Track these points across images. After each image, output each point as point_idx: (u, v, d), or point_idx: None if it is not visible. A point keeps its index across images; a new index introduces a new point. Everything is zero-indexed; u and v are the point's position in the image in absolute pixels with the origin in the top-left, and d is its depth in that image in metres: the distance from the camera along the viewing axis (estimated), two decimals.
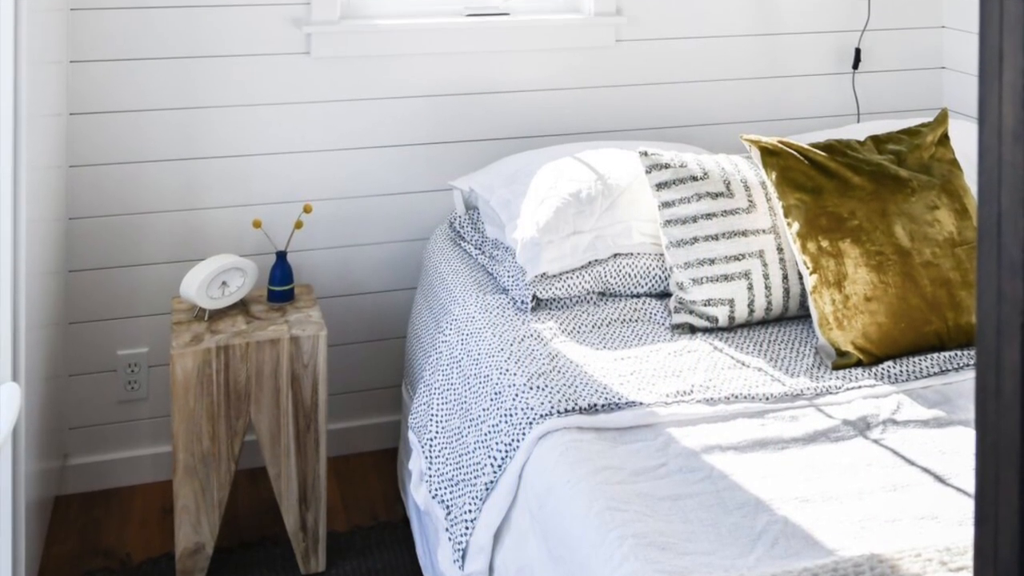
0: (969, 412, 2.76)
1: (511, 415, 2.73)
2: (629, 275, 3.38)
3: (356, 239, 4.10)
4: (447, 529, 2.77)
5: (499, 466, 2.65)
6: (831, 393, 2.85)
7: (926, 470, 2.51)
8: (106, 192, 3.82)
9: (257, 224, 3.70)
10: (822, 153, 3.33)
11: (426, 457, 3.00)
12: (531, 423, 2.66)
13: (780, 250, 3.26)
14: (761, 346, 3.11)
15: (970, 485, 2.40)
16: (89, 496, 3.88)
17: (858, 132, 3.78)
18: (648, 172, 3.36)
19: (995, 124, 0.99)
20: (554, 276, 3.31)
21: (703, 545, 2.21)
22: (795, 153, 3.31)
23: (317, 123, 4.02)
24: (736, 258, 3.23)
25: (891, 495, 2.39)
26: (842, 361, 3.00)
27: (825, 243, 3.14)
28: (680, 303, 3.23)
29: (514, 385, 2.82)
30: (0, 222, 2.81)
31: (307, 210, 3.75)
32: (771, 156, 3.30)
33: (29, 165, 2.97)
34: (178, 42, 3.86)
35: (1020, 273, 0.97)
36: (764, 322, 3.27)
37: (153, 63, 3.84)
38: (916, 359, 3.01)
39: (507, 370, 2.91)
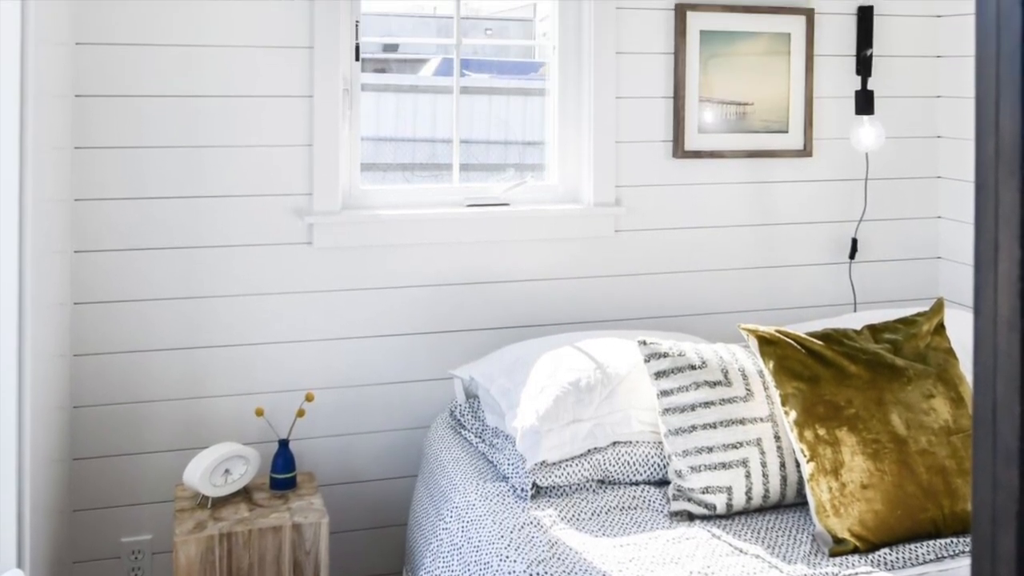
0: None
1: None
2: (628, 463, 3.54)
3: (357, 427, 4.28)
4: None
5: None
6: None
7: None
8: (110, 380, 4.01)
9: (259, 412, 3.90)
10: (819, 342, 3.52)
11: None
12: None
13: (777, 438, 3.43)
14: (759, 533, 3.26)
15: None
16: None
17: (855, 321, 3.99)
18: (647, 361, 3.55)
19: (990, 313, 1.01)
20: (554, 464, 3.47)
21: None
22: (792, 342, 3.51)
23: (319, 312, 4.23)
24: (734, 446, 3.40)
25: None
26: (839, 548, 3.15)
27: (822, 431, 3.31)
28: (678, 491, 3.39)
29: (514, 572, 2.97)
30: (6, 408, 2.98)
31: (309, 398, 3.94)
32: (768, 345, 3.49)
33: (34, 354, 3.15)
34: (181, 232, 4.09)
35: (1015, 461, 0.98)
36: (762, 509, 3.42)
37: (156, 253, 4.06)
38: (912, 546, 3.16)
39: (507, 557, 3.06)
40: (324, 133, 4.18)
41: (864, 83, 4.80)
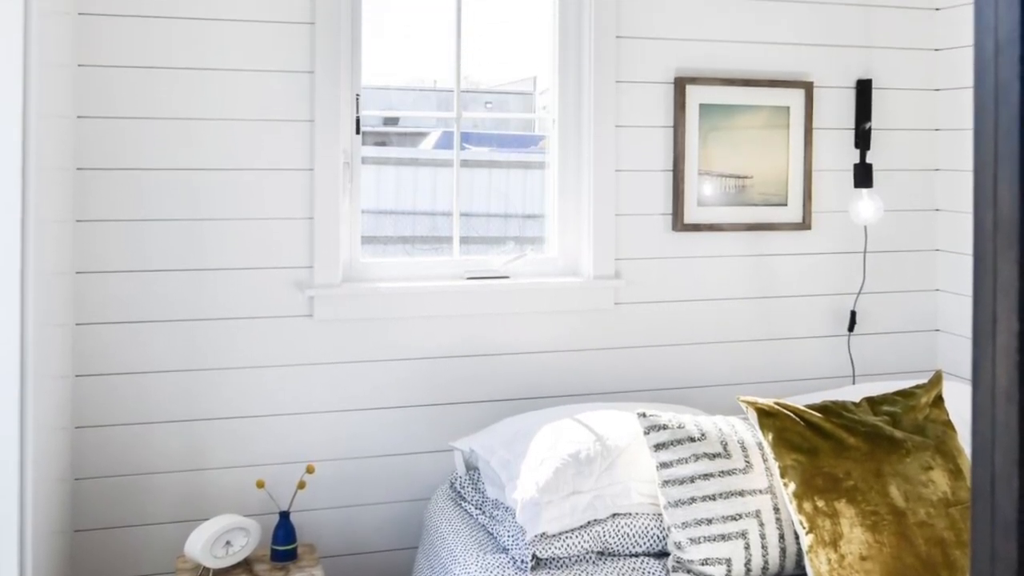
0: None
1: None
2: (628, 535, 3.60)
3: (358, 499, 4.35)
4: None
5: None
6: None
7: None
8: (111, 452, 4.09)
9: (260, 484, 3.98)
10: (818, 414, 3.60)
11: None
12: None
13: (777, 510, 3.50)
14: None
15: None
16: None
17: (854, 393, 4.07)
18: (646, 433, 3.62)
19: (989, 385, 1.02)
20: (554, 536, 3.53)
21: None
22: (791, 414, 3.58)
23: (320, 384, 4.31)
24: (733, 518, 3.46)
25: None
26: None
27: (821, 503, 3.38)
28: (678, 562, 3.46)
29: None
30: (7, 480, 3.04)
31: (310, 470, 4.02)
32: (768, 417, 3.57)
33: (35, 426, 3.23)
34: (182, 305, 4.18)
35: (1014, 533, 0.99)
36: None
37: (158, 325, 4.16)
38: None
39: None
40: (325, 206, 4.28)
41: (863, 156, 4.91)
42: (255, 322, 4.26)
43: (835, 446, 3.51)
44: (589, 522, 3.60)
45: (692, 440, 3.59)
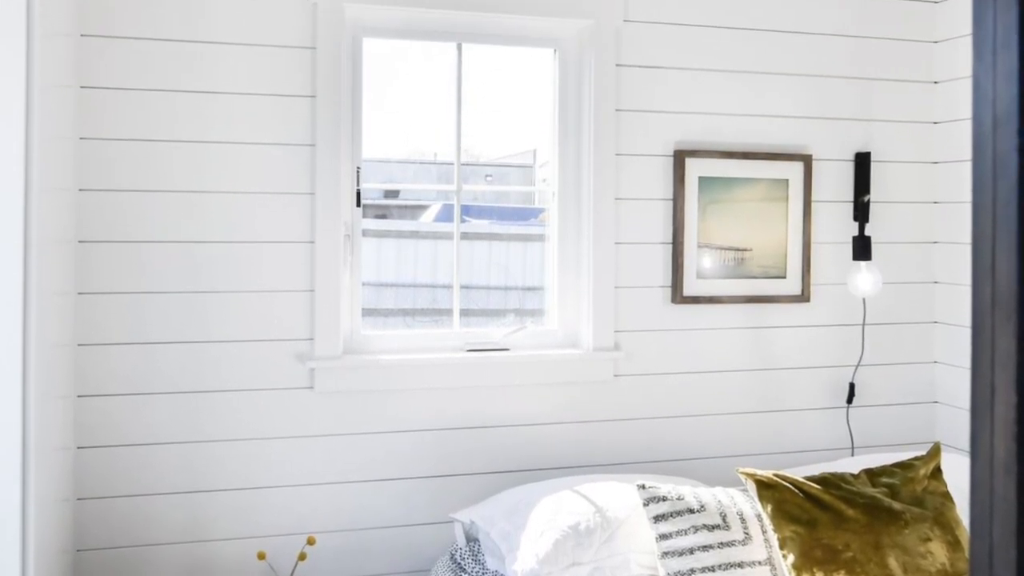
0: None
1: None
2: None
3: (359, 570, 4.42)
4: None
5: None
6: None
7: None
8: (113, 524, 4.17)
9: (262, 556, 4.05)
10: (817, 486, 3.68)
11: None
12: None
13: None
14: None
15: None
16: None
17: (852, 465, 4.15)
18: (645, 504, 3.69)
19: (987, 457, 1.04)
20: None
21: None
22: (790, 486, 3.66)
23: (321, 456, 4.39)
24: None
25: None
26: None
27: (820, 575, 3.44)
28: None
29: None
30: (10, 552, 3.10)
31: (311, 542, 4.09)
32: (767, 489, 3.65)
33: (37, 498, 3.29)
34: (183, 377, 4.27)
35: None
36: None
37: (159, 397, 4.25)
38: None
39: None
40: (326, 278, 4.38)
41: (862, 229, 5.01)
42: (256, 394, 4.35)
43: (834, 518, 3.58)
44: None
45: (691, 512, 3.66)
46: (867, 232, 5.05)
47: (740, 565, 3.58)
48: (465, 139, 4.72)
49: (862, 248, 4.98)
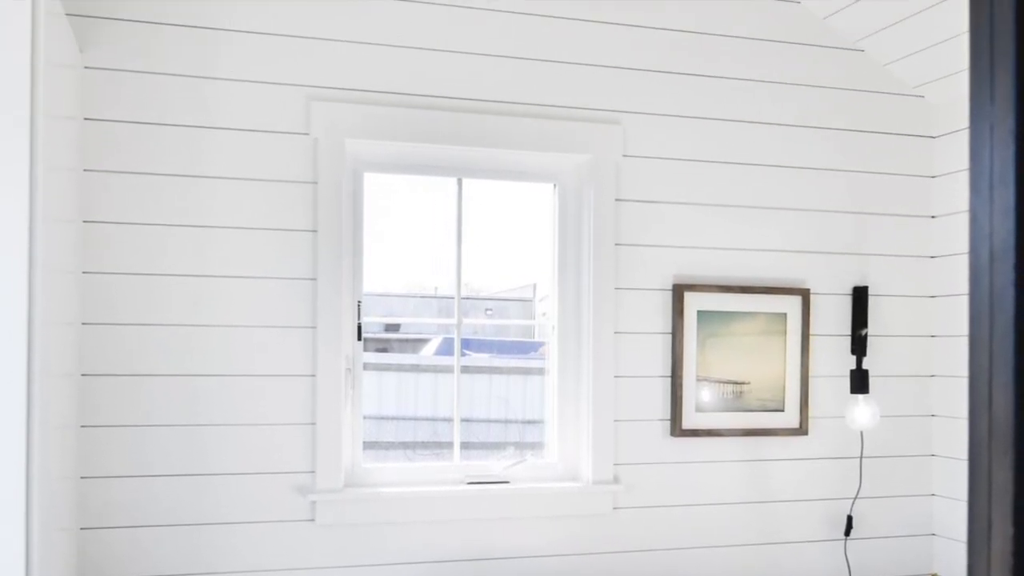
0: None
1: None
2: None
3: None
4: None
5: None
6: None
7: None
8: None
9: None
10: None
11: None
12: None
13: None
14: None
15: None
16: None
17: None
18: None
19: None
20: None
21: None
22: None
23: None
24: None
25: None
26: None
27: None
28: None
29: None
30: None
31: None
32: None
33: (41, 529, 3.36)
34: (184, 510, 4.41)
35: None
36: None
37: (160, 530, 4.36)
38: None
39: None
40: (327, 412, 4.52)
41: (859, 362, 5.17)
42: (257, 526, 4.47)
43: None
44: None
45: None
46: (864, 365, 5.21)
47: None
48: (465, 273, 4.89)
49: (859, 381, 5.12)
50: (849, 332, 5.25)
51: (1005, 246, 1.08)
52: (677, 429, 4.95)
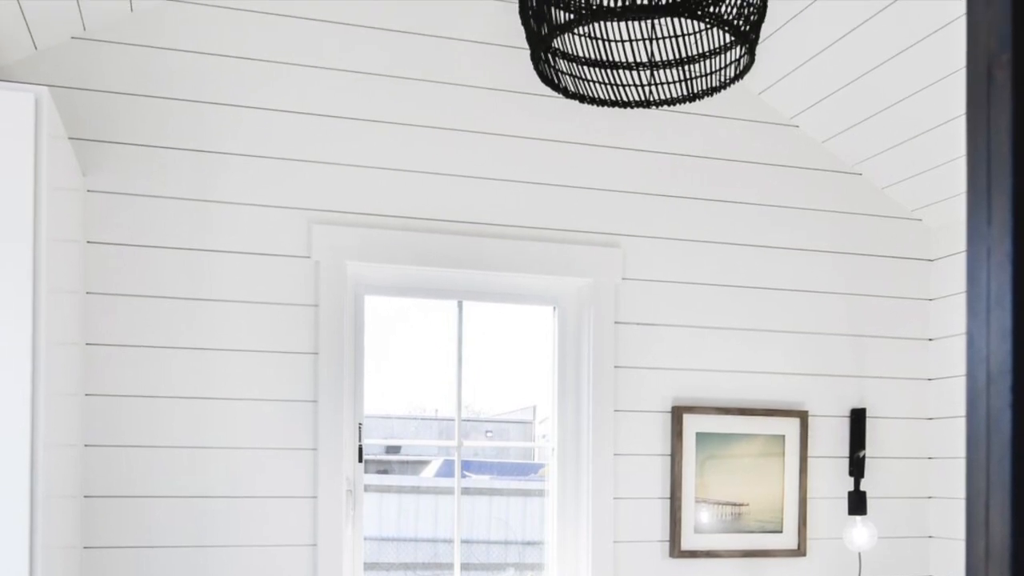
0: None
1: None
2: None
3: None
4: None
5: None
6: None
7: None
8: None
9: None
10: None
11: None
12: None
13: None
14: None
15: None
16: None
17: None
18: None
19: None
20: None
21: None
22: None
23: None
24: None
25: None
26: None
27: None
28: None
29: None
30: None
31: None
32: None
33: None
34: None
35: None
36: None
37: None
38: None
39: None
40: (328, 533, 4.62)
41: (857, 484, 5.27)
42: None
43: None
44: None
45: None
46: (862, 487, 5.31)
47: None
48: (465, 395, 5.02)
49: (857, 503, 5.22)
50: (847, 454, 5.36)
51: (1002, 368, 1.08)
52: (676, 550, 5.04)
